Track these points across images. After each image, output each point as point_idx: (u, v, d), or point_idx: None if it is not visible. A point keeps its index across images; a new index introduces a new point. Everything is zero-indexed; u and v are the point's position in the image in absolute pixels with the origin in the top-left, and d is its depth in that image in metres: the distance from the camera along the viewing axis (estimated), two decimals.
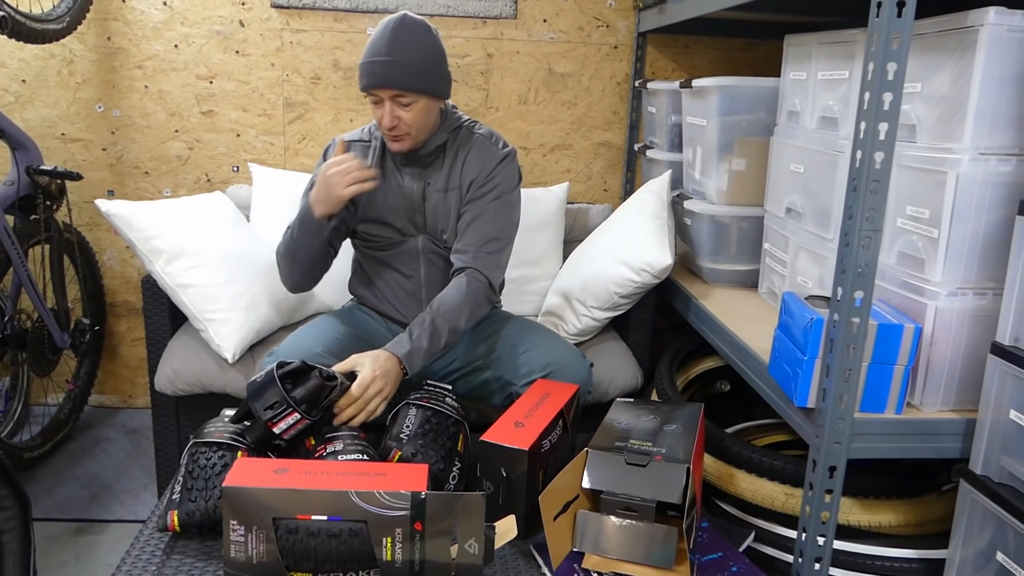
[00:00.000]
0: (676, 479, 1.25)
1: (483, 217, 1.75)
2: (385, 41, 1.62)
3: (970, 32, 1.20)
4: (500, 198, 1.76)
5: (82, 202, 2.55)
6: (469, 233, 1.75)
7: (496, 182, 1.76)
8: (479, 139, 1.79)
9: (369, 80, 1.63)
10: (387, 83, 1.62)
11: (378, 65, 1.62)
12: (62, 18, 2.16)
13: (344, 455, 1.37)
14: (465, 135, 1.80)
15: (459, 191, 1.78)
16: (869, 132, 1.16)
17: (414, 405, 1.51)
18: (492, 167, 1.76)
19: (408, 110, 1.65)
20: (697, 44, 2.60)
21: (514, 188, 1.80)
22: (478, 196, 1.76)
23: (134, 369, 2.73)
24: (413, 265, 1.82)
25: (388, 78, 1.62)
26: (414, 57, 1.63)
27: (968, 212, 1.24)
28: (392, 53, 1.61)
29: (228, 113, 2.54)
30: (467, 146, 1.78)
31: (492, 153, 1.78)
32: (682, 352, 2.11)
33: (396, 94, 1.63)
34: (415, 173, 1.78)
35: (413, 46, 1.63)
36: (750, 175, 1.96)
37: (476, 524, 1.17)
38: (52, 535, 2.00)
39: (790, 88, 1.78)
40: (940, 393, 1.32)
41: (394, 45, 1.62)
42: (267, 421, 1.36)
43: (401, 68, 1.62)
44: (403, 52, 1.62)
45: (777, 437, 1.88)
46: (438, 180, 1.77)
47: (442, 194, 1.77)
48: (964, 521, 1.27)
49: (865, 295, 1.21)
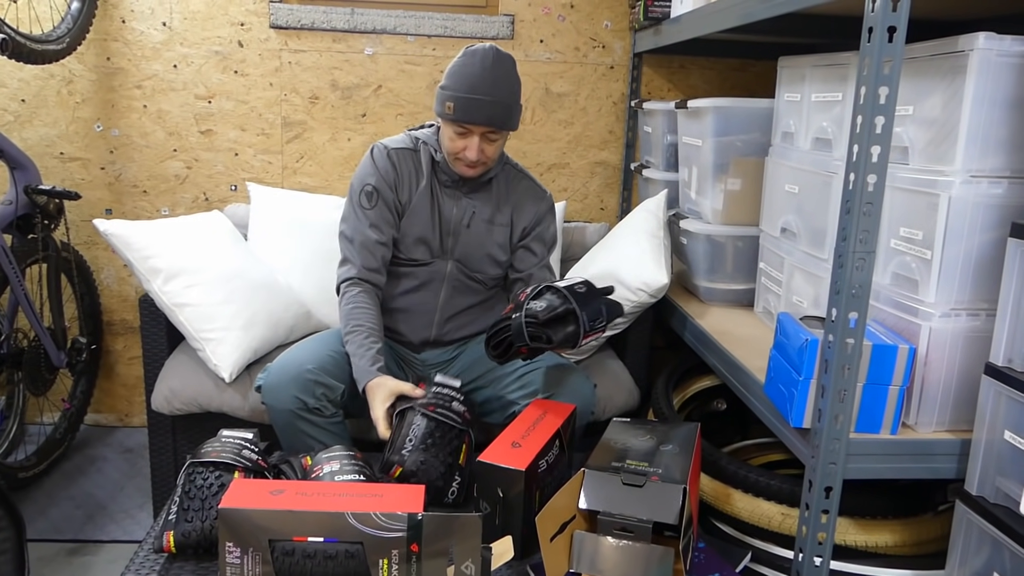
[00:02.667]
0: (673, 499, 1.26)
1: (546, 264, 1.90)
2: (488, 79, 1.66)
3: (960, 56, 1.22)
4: (550, 248, 1.93)
5: (80, 221, 2.55)
6: (537, 277, 1.86)
7: (545, 226, 1.89)
8: (527, 181, 1.89)
9: (469, 116, 1.66)
10: (488, 122, 1.67)
11: (484, 104, 1.66)
12: (62, 39, 2.18)
13: (341, 475, 1.37)
14: (512, 172, 1.89)
15: (507, 228, 1.84)
16: (862, 155, 1.17)
17: (420, 413, 1.51)
18: (544, 212, 1.88)
19: (493, 144, 1.72)
20: (692, 64, 2.63)
21: (555, 241, 1.98)
22: (533, 238, 1.87)
23: (130, 388, 2.72)
24: (435, 288, 1.83)
25: (491, 118, 1.67)
26: (512, 99, 1.70)
27: (960, 234, 1.25)
28: (494, 93, 1.66)
29: (226, 132, 2.55)
30: (516, 184, 1.88)
31: (542, 199, 1.89)
32: (679, 371, 2.12)
33: (489, 131, 1.68)
34: (456, 197, 1.81)
35: (510, 86, 1.70)
36: (745, 195, 1.97)
37: (473, 545, 1.17)
38: (47, 556, 1.99)
39: (784, 109, 1.79)
40: (935, 413, 1.32)
41: (495, 85, 1.66)
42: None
43: (502, 109, 1.68)
44: (503, 92, 1.67)
45: (774, 456, 1.88)
46: (484, 210, 1.82)
47: (487, 225, 1.82)
48: (960, 542, 1.27)
49: (859, 316, 1.22)
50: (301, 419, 1.64)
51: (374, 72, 2.54)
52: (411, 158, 1.81)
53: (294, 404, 1.62)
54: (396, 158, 1.79)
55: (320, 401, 1.64)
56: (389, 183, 1.78)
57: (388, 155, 1.79)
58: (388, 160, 1.79)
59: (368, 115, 2.57)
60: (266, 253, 2.24)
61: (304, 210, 2.30)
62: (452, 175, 1.79)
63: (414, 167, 1.80)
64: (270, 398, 1.65)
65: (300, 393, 1.62)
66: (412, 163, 1.80)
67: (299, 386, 1.62)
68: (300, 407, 1.63)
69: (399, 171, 1.79)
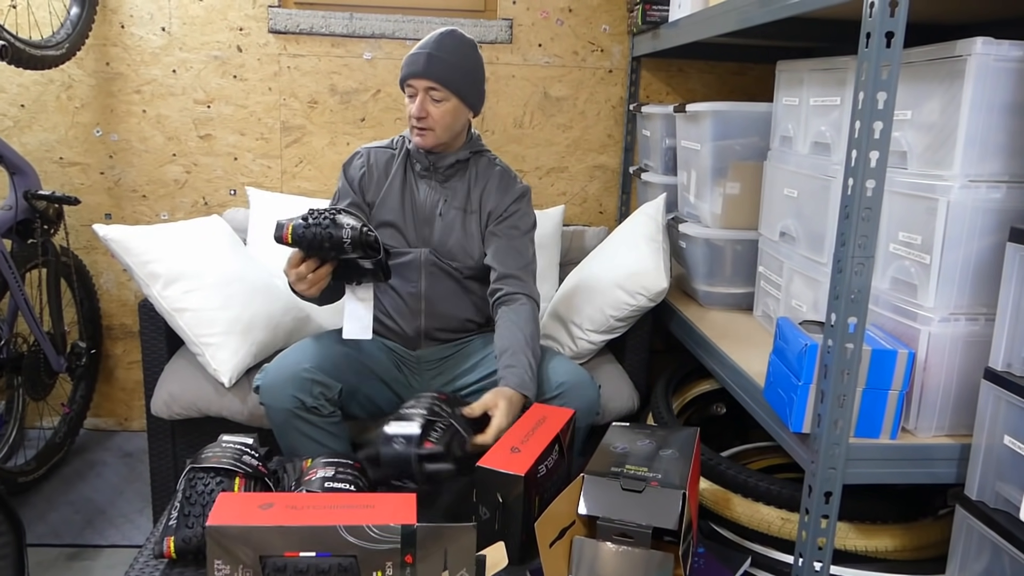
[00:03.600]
0: (672, 505, 1.26)
1: (516, 246, 1.84)
2: (432, 40, 1.74)
3: (958, 61, 1.22)
4: (528, 233, 1.88)
5: (79, 225, 2.55)
6: (510, 260, 1.82)
7: (518, 216, 1.86)
8: (500, 171, 1.89)
9: (408, 69, 1.73)
10: (424, 73, 1.72)
11: (420, 56, 1.72)
12: (61, 44, 2.18)
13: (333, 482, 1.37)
14: (486, 163, 1.89)
15: (477, 215, 1.85)
16: (860, 160, 1.18)
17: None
18: (511, 200, 1.86)
19: (438, 106, 1.74)
20: (691, 68, 2.63)
21: (535, 225, 1.91)
22: (506, 227, 1.84)
23: (130, 392, 2.72)
24: (414, 277, 1.84)
25: (426, 69, 1.71)
26: (454, 58, 1.74)
27: (959, 238, 1.25)
28: (435, 49, 1.72)
29: (226, 137, 2.55)
30: (487, 175, 1.87)
31: (511, 187, 1.87)
32: (678, 375, 2.12)
33: (430, 86, 1.72)
34: (432, 187, 1.84)
35: (457, 50, 1.75)
36: (744, 199, 1.97)
37: (467, 554, 1.16)
38: (46, 561, 1.99)
39: (783, 113, 1.80)
40: (935, 418, 1.32)
41: (439, 44, 1.73)
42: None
43: (440, 63, 1.72)
44: (445, 51, 1.73)
45: (773, 460, 1.88)
46: (456, 198, 1.84)
47: (460, 213, 1.84)
48: (960, 547, 1.27)
49: (859, 321, 1.22)
50: (299, 419, 1.64)
51: (373, 76, 2.55)
52: (386, 155, 1.87)
53: (291, 403, 1.62)
54: (371, 157, 1.86)
55: (318, 400, 1.64)
56: (355, 184, 1.84)
57: (364, 156, 1.86)
58: (361, 160, 1.86)
59: (367, 119, 2.57)
60: (265, 257, 2.24)
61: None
62: (423, 161, 1.82)
63: (386, 162, 1.86)
64: (268, 398, 1.65)
65: (297, 392, 1.62)
66: (386, 159, 1.86)
67: (296, 385, 1.63)
68: (298, 406, 1.63)
69: (371, 169, 1.85)
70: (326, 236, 1.55)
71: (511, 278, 1.80)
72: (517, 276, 1.81)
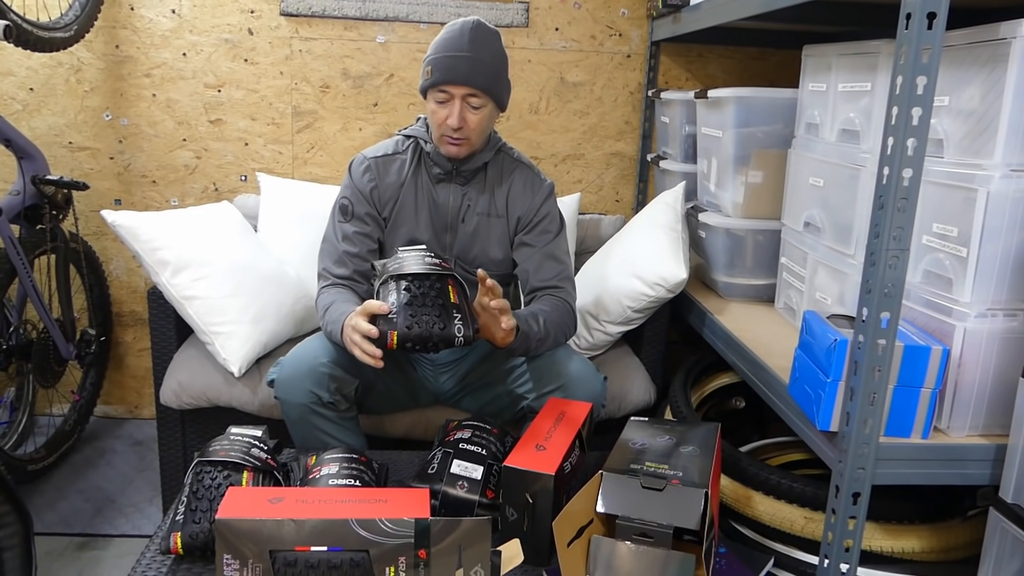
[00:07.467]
0: (694, 504, 1.21)
1: (550, 252, 1.76)
2: (466, 40, 1.59)
3: (1002, 44, 1.16)
4: (560, 233, 1.79)
5: (89, 211, 2.52)
6: (545, 271, 1.75)
7: (548, 219, 1.77)
8: (522, 168, 1.78)
9: (445, 75, 1.59)
10: (466, 80, 1.59)
11: (460, 60, 1.58)
12: (70, 26, 2.14)
13: (337, 479, 1.34)
14: (507, 160, 1.78)
15: (505, 220, 1.76)
16: (897, 148, 1.12)
17: (392, 279, 1.46)
18: (540, 202, 1.76)
19: (476, 113, 1.63)
20: (711, 53, 2.57)
21: (564, 222, 1.82)
22: (537, 233, 1.76)
23: (140, 379, 2.70)
24: None
25: (468, 75, 1.59)
26: (490, 58, 1.62)
27: (999, 230, 1.20)
28: (473, 51, 1.58)
29: (236, 122, 2.51)
30: (510, 173, 1.77)
31: (538, 186, 1.78)
32: (696, 368, 2.07)
33: (470, 93, 1.60)
34: (452, 190, 1.74)
35: (490, 48, 1.62)
36: (767, 188, 1.92)
37: (482, 549, 1.13)
38: (55, 550, 1.97)
39: (809, 100, 1.74)
40: (968, 417, 1.27)
41: (475, 44, 1.59)
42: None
43: (482, 68, 1.60)
44: (483, 52, 1.60)
45: (794, 456, 1.84)
46: (479, 203, 1.75)
47: (484, 218, 1.75)
48: (994, 550, 1.22)
49: (892, 316, 1.17)
50: (315, 414, 1.61)
51: (386, 61, 2.50)
52: (393, 163, 1.74)
53: (308, 398, 1.59)
54: (376, 167, 1.73)
55: (334, 395, 1.61)
56: (365, 195, 1.73)
57: (367, 166, 1.73)
58: (366, 171, 1.73)
59: (380, 104, 2.53)
60: (276, 245, 2.21)
61: (315, 201, 2.25)
62: (444, 165, 1.71)
63: (397, 171, 1.74)
64: (283, 392, 1.61)
65: (314, 387, 1.59)
66: (394, 168, 1.74)
67: (313, 380, 1.59)
68: (314, 401, 1.59)
69: (380, 180, 1.73)
70: (437, 336, 1.41)
71: (549, 289, 1.74)
72: (555, 286, 1.75)
